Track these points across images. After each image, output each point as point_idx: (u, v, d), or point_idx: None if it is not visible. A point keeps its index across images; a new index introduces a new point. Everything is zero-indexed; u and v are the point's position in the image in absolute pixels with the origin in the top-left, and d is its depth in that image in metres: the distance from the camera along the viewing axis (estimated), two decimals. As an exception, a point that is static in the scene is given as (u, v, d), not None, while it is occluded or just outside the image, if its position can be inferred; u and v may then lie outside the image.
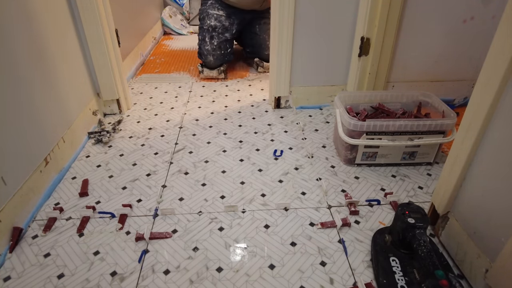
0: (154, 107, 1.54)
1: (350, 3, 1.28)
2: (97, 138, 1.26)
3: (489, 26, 1.31)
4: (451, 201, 0.81)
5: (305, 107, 1.51)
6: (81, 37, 1.27)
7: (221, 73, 1.81)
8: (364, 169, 1.13)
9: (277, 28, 1.31)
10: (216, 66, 1.79)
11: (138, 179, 1.09)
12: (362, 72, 1.34)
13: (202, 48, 1.78)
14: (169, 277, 0.78)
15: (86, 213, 0.94)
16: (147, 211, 0.97)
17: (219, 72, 1.80)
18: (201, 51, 1.79)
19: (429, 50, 1.36)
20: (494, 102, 0.66)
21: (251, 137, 1.31)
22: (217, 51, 1.76)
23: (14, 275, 0.78)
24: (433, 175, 1.10)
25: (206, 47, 1.76)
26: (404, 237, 0.76)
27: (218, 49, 1.76)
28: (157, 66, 2.04)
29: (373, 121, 1.03)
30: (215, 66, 1.79)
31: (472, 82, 1.44)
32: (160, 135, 1.32)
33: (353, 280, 0.78)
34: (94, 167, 1.14)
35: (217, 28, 1.75)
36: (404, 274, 0.74)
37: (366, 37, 1.27)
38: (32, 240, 0.87)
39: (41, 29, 1.03)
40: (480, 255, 0.71)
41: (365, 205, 0.98)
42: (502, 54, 0.63)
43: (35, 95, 0.99)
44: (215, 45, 1.75)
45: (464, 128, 0.74)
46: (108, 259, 0.83)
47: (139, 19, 2.10)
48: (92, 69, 1.35)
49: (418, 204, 0.79)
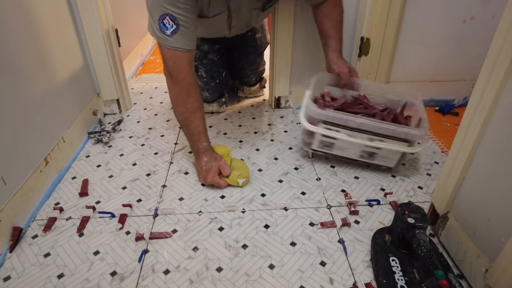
0: (154, 107, 1.54)
1: (350, 3, 1.28)
2: (97, 138, 1.26)
3: (489, 26, 1.31)
4: (451, 201, 0.81)
5: (305, 107, 1.51)
6: (81, 37, 1.27)
7: (222, 105, 1.48)
8: (364, 168, 1.13)
9: (277, 28, 1.31)
10: (215, 99, 1.46)
11: (138, 179, 1.09)
12: (362, 72, 1.34)
13: None
14: (169, 277, 0.78)
15: (86, 213, 0.94)
16: (147, 211, 0.97)
17: (219, 105, 1.47)
18: None
19: (429, 50, 1.36)
20: (494, 102, 0.66)
21: (251, 137, 1.31)
22: (211, 83, 1.39)
23: (14, 275, 0.78)
24: (433, 175, 1.10)
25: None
26: (404, 237, 0.76)
27: (210, 80, 1.38)
28: (157, 66, 2.04)
29: (332, 112, 0.98)
30: (214, 100, 1.46)
31: (472, 82, 1.44)
32: (160, 135, 1.32)
33: (353, 280, 0.78)
34: (94, 167, 1.14)
35: (196, 56, 1.33)
36: (404, 274, 0.74)
37: (366, 37, 1.27)
38: (32, 240, 0.87)
39: (40, 28, 1.03)
40: (480, 255, 0.71)
41: (365, 205, 0.98)
42: (502, 54, 0.63)
43: (35, 95, 0.99)
44: (205, 77, 1.38)
45: (464, 128, 0.74)
46: (108, 259, 0.83)
47: (139, 19, 2.11)
48: (92, 69, 1.35)
49: (418, 204, 0.79)
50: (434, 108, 1.49)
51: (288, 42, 1.34)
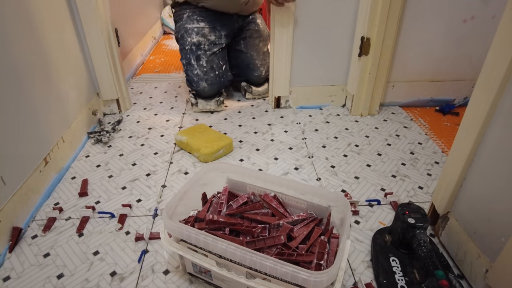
0: (154, 107, 1.54)
1: (350, 3, 1.28)
2: (96, 138, 1.26)
3: (489, 26, 1.31)
4: (451, 201, 0.81)
5: (305, 107, 1.51)
6: (81, 37, 1.27)
7: (220, 104, 1.46)
8: (364, 168, 1.12)
9: (277, 28, 1.31)
10: (213, 93, 1.44)
11: (137, 179, 1.08)
12: (362, 72, 1.34)
13: (190, 74, 1.42)
14: (168, 277, 0.78)
15: (86, 213, 0.94)
16: (147, 211, 0.96)
17: (218, 104, 1.46)
18: (190, 78, 1.42)
19: (429, 50, 1.36)
20: (494, 102, 0.66)
21: (251, 137, 1.30)
22: (210, 73, 1.40)
23: (14, 275, 0.78)
24: (433, 175, 1.10)
25: (194, 72, 1.40)
26: (404, 237, 0.76)
27: (210, 70, 1.40)
28: (157, 66, 2.04)
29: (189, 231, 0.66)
30: (212, 94, 1.44)
31: (472, 82, 1.44)
32: (160, 135, 1.32)
33: (353, 280, 0.78)
34: (93, 167, 1.14)
35: (202, 44, 1.39)
36: (404, 274, 0.74)
37: (366, 37, 1.27)
38: (32, 240, 0.87)
39: (40, 28, 1.03)
40: (480, 255, 0.70)
41: (365, 205, 0.98)
42: (502, 54, 0.62)
43: (35, 95, 0.99)
44: (205, 66, 1.39)
45: (465, 128, 0.74)
46: (108, 259, 0.82)
47: (139, 19, 2.11)
48: (91, 69, 1.35)
49: (418, 204, 0.79)
50: (434, 108, 1.49)
51: (288, 41, 1.34)
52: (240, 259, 0.63)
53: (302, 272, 0.57)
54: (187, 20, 1.42)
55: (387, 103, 1.50)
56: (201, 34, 1.40)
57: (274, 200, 0.81)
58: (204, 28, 1.40)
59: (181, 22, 1.44)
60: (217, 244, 0.64)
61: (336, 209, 0.76)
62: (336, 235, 0.74)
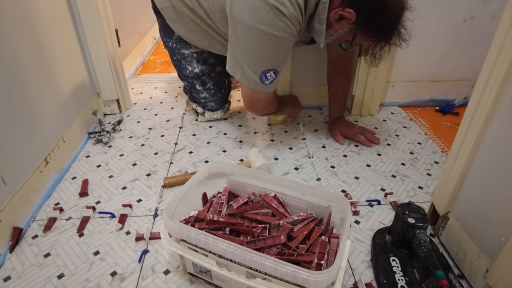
0: (154, 107, 1.54)
1: (350, 3, 1.28)
2: (97, 138, 1.26)
3: (489, 26, 1.31)
4: (451, 201, 0.81)
5: (305, 107, 1.51)
6: (81, 37, 1.27)
7: (226, 111, 1.43)
8: (364, 168, 1.13)
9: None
10: (221, 107, 1.40)
11: (138, 179, 1.09)
12: (362, 72, 1.34)
13: (196, 96, 1.35)
14: (169, 277, 0.78)
15: (86, 213, 0.94)
16: (147, 211, 0.96)
17: (224, 111, 1.42)
18: (196, 100, 1.37)
19: (429, 50, 1.36)
20: (494, 102, 0.66)
21: (251, 137, 1.31)
22: (217, 94, 1.34)
23: (14, 275, 0.78)
24: (433, 175, 1.10)
25: (201, 95, 1.34)
26: (404, 237, 0.76)
27: (217, 91, 1.34)
28: (157, 66, 2.04)
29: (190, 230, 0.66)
30: (220, 108, 1.40)
31: (472, 82, 1.45)
32: (160, 135, 1.32)
33: (353, 280, 0.78)
34: (94, 167, 1.14)
35: (205, 71, 1.28)
36: (404, 274, 0.74)
37: (366, 37, 1.27)
38: (32, 240, 0.87)
39: (40, 28, 1.03)
40: (480, 255, 0.71)
41: (365, 205, 0.98)
42: (502, 54, 0.63)
43: (35, 95, 0.99)
44: (212, 89, 1.32)
45: (465, 128, 0.74)
46: (108, 259, 0.82)
47: (139, 19, 2.11)
48: (92, 69, 1.35)
49: (418, 204, 0.79)
50: (434, 108, 1.49)
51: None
52: (240, 259, 0.63)
53: (302, 272, 0.57)
54: (181, 42, 1.23)
55: (387, 103, 1.50)
56: (202, 61, 1.27)
57: (274, 200, 0.81)
58: (203, 52, 1.26)
59: (173, 42, 1.25)
60: (217, 244, 0.64)
61: (336, 209, 0.77)
62: (336, 235, 0.74)
